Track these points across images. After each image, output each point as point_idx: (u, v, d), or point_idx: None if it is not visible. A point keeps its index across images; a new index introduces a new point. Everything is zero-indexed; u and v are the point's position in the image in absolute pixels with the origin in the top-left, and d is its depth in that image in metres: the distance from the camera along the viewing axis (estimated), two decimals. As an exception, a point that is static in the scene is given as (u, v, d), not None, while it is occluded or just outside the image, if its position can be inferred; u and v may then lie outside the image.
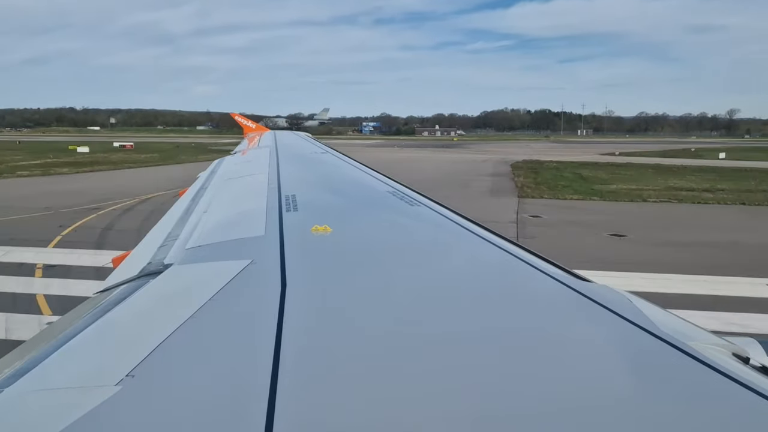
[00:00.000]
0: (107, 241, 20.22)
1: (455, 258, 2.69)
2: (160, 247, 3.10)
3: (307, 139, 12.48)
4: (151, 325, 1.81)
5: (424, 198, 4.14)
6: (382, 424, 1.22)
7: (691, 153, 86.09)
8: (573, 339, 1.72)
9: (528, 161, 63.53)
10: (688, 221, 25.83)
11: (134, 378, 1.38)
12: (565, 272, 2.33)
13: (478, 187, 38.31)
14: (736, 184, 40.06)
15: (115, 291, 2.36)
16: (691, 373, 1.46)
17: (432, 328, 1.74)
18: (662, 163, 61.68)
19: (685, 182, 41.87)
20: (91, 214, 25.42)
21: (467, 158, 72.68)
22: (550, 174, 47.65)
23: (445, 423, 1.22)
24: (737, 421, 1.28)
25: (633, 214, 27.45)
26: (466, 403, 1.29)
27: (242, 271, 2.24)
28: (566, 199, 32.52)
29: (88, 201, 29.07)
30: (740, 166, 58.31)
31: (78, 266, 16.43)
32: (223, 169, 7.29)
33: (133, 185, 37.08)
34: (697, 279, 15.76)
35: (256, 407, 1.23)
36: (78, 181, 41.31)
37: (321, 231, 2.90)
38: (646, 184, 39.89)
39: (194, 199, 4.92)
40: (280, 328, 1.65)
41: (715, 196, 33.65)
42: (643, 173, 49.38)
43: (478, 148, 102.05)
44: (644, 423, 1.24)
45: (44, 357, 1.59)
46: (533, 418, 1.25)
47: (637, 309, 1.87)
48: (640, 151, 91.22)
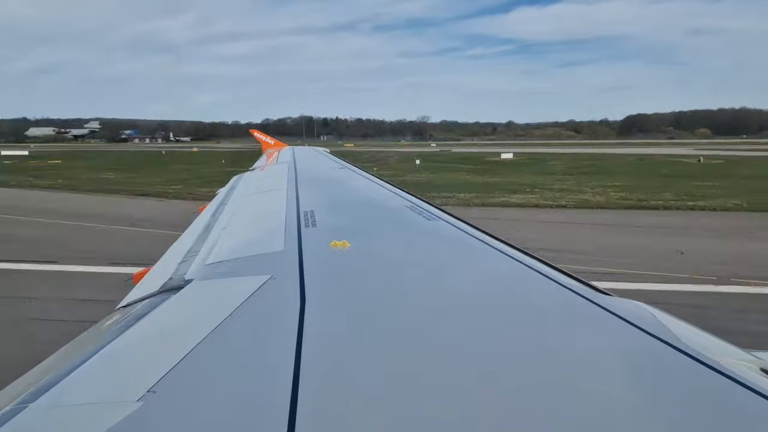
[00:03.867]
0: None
1: (475, 273, 2.66)
2: (180, 263, 3.13)
3: (325, 155, 12.57)
4: (172, 341, 1.82)
5: (441, 212, 4.12)
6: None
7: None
8: (600, 357, 1.69)
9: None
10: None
11: (156, 394, 1.39)
12: (587, 286, 2.30)
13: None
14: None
15: (137, 306, 2.38)
16: (717, 388, 1.42)
17: (452, 344, 1.72)
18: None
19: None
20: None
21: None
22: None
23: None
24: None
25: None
26: (488, 421, 1.28)
27: (262, 286, 2.24)
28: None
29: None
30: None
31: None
32: (242, 185, 7.36)
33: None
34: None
35: (277, 423, 1.22)
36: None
37: (340, 246, 2.91)
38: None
39: (214, 215, 4.96)
40: (299, 344, 1.65)
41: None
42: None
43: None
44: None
45: (67, 373, 1.61)
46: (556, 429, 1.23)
47: (660, 323, 1.84)
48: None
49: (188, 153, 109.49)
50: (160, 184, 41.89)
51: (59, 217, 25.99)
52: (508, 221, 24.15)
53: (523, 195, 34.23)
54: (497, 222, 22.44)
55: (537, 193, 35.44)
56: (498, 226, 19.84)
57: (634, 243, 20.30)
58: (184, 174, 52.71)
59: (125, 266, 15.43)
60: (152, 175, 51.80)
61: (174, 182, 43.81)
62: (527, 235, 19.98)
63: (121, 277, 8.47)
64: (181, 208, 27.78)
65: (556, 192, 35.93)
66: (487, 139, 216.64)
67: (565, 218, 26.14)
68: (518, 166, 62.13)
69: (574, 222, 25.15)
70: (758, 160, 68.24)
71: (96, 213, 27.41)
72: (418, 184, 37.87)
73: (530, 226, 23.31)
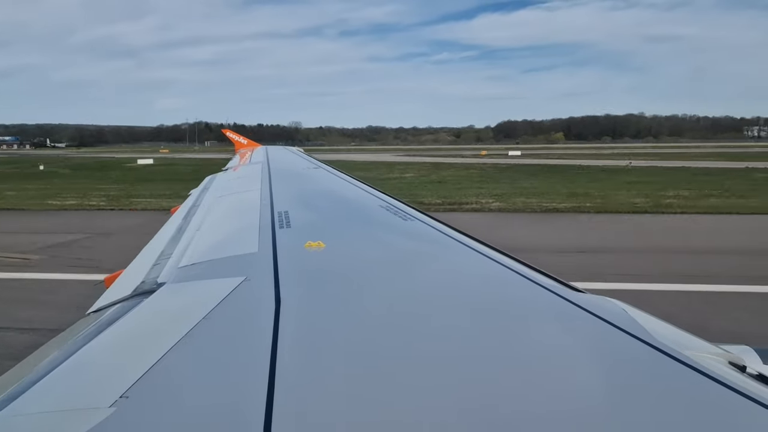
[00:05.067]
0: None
1: (450, 272, 2.68)
2: (153, 266, 3.08)
3: (299, 155, 12.50)
4: (145, 345, 1.79)
5: (417, 212, 4.14)
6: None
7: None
8: (569, 350, 1.72)
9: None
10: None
11: (128, 399, 1.36)
12: (560, 283, 2.34)
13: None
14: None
15: (108, 311, 2.34)
16: (687, 383, 1.46)
17: (430, 345, 1.74)
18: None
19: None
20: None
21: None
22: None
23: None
24: (733, 429, 1.28)
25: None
26: (465, 419, 1.29)
27: (236, 288, 2.22)
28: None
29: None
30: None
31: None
32: (214, 185, 7.28)
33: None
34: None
35: (252, 426, 1.22)
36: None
37: (315, 247, 2.90)
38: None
39: (186, 216, 4.90)
40: (275, 346, 1.64)
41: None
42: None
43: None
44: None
45: (37, 379, 1.57)
46: (528, 428, 1.25)
47: (632, 319, 1.88)
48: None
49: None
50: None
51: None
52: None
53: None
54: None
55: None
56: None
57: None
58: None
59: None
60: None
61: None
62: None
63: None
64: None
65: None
66: (350, 145, 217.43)
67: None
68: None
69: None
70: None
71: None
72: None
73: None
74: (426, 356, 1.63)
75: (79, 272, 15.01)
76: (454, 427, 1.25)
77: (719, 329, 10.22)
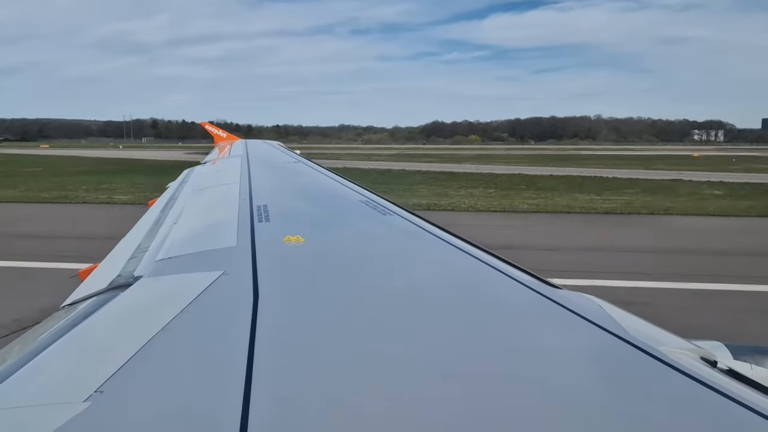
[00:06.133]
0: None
1: (427, 267, 2.70)
2: (129, 259, 3.04)
3: (279, 148, 12.42)
4: (120, 339, 1.77)
5: (396, 207, 4.15)
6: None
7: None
8: (544, 345, 1.75)
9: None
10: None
11: (103, 394, 1.35)
12: (537, 279, 2.37)
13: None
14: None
15: (83, 304, 2.31)
16: (660, 378, 1.49)
17: (406, 338, 1.75)
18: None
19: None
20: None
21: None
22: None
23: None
24: (703, 423, 1.31)
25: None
26: (438, 412, 1.30)
27: (213, 282, 2.21)
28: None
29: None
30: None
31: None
32: (192, 178, 7.20)
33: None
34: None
35: (229, 422, 1.21)
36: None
37: (293, 241, 2.89)
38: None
39: (164, 209, 4.84)
40: (252, 340, 1.64)
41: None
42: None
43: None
44: (612, 427, 1.27)
45: (9, 373, 1.54)
46: (503, 425, 1.27)
47: (606, 314, 1.92)
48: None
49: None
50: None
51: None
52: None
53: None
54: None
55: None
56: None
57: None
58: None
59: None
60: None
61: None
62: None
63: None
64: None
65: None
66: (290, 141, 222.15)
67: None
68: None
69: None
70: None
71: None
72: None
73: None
74: (404, 352, 1.63)
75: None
76: (431, 422, 1.27)
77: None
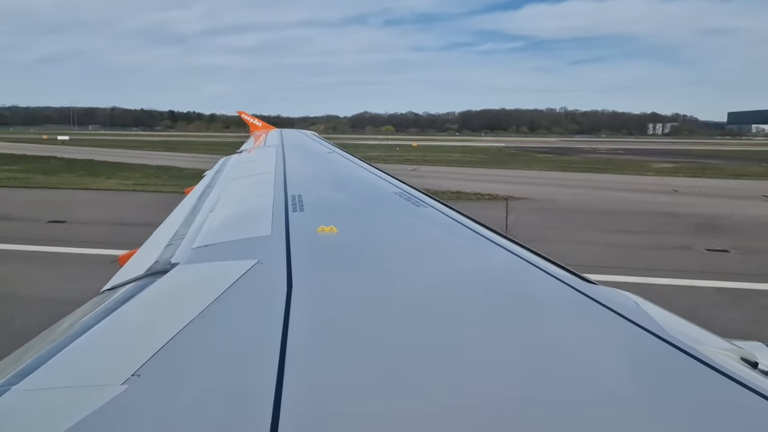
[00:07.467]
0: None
1: (462, 260, 2.68)
2: (166, 246, 3.11)
3: (314, 138, 12.47)
4: (157, 325, 1.81)
5: (431, 199, 4.13)
6: (387, 425, 1.22)
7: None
8: (580, 342, 1.71)
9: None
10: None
11: (140, 377, 1.38)
12: (571, 274, 2.32)
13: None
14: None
15: (122, 289, 2.37)
16: (698, 378, 1.45)
17: (439, 330, 1.74)
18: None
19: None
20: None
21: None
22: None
23: (450, 425, 1.22)
24: (743, 425, 1.27)
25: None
26: (472, 406, 1.29)
27: (248, 271, 2.24)
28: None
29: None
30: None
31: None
32: (228, 167, 7.31)
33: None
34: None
35: (262, 408, 1.23)
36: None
37: (327, 231, 2.90)
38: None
39: (200, 197, 4.93)
40: (286, 329, 1.65)
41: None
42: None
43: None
44: (651, 427, 1.23)
45: (50, 356, 1.60)
46: (539, 421, 1.25)
47: (644, 312, 1.87)
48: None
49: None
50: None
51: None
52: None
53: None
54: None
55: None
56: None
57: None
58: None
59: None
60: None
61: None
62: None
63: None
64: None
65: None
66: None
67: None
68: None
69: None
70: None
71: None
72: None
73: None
74: (437, 344, 1.62)
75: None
76: (467, 413, 1.26)
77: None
